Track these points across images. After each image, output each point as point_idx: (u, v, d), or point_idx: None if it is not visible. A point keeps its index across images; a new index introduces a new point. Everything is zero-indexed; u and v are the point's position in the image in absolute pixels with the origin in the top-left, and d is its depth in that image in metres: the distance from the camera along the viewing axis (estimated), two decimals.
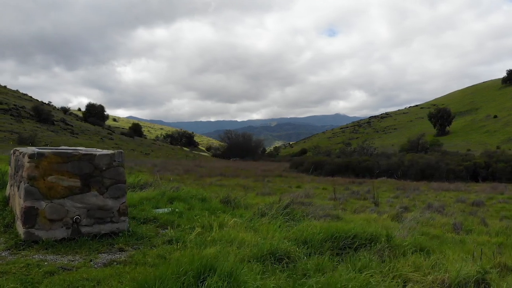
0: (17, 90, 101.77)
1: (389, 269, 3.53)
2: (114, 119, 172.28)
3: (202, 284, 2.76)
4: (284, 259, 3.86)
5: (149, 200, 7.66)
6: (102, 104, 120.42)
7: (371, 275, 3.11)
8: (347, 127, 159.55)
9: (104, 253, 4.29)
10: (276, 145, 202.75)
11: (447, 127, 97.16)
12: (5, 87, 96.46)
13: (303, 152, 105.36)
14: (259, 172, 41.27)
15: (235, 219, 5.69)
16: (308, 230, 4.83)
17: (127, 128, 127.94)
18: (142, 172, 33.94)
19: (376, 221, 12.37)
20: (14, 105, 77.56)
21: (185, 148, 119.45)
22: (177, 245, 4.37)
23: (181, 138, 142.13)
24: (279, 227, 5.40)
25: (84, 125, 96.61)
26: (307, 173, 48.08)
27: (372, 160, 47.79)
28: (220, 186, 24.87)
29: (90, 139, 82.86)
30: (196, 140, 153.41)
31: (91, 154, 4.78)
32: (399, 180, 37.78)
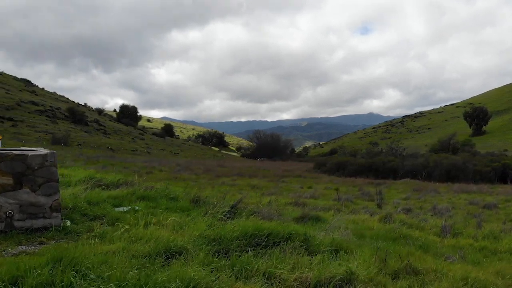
0: (54, 92, 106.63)
1: (261, 265, 3.66)
2: (148, 120, 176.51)
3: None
4: (175, 255, 4.06)
5: (116, 199, 7.98)
6: (137, 105, 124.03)
7: (201, 269, 3.25)
8: (380, 126, 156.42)
9: (23, 245, 4.64)
10: (306, 145, 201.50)
11: (484, 127, 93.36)
12: (42, 89, 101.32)
13: (332, 152, 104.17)
14: (280, 172, 41.34)
15: (173, 218, 5.93)
16: (226, 228, 5.00)
17: (160, 128, 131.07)
18: (163, 172, 34.86)
19: (364, 221, 12.30)
20: (50, 106, 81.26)
21: (214, 148, 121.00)
22: (90, 240, 4.65)
23: (212, 138, 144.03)
24: (210, 225, 5.59)
25: (117, 125, 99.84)
26: (329, 174, 47.73)
27: (397, 161, 46.76)
28: (231, 186, 25.22)
29: (122, 139, 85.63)
30: (227, 140, 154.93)
31: (24, 154, 5.16)
32: (422, 181, 36.87)
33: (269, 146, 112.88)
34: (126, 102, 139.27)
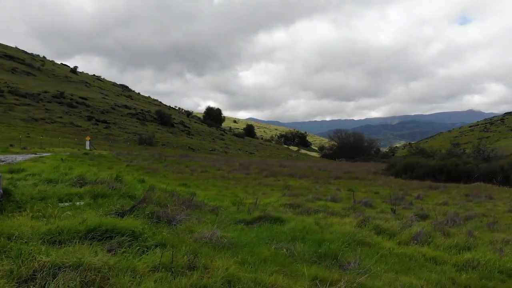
0: (148, 96, 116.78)
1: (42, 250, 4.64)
2: (235, 121, 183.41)
3: None
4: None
5: (70, 195, 9.37)
6: (226, 107, 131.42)
7: None
8: (477, 125, 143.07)
9: None
10: (397, 145, 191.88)
11: None
12: (138, 93, 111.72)
13: (417, 153, 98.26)
14: (338, 173, 40.59)
15: (68, 212, 7.08)
16: (72, 223, 6.02)
17: (242, 129, 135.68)
18: (219, 171, 36.70)
19: (343, 225, 12.26)
20: (141, 109, 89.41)
21: (292, 148, 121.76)
22: None
23: (294, 138, 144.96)
24: (83, 220, 6.57)
25: (201, 127, 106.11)
26: (396, 176, 45.56)
27: (472, 163, 43.03)
28: (265, 186, 25.81)
29: (203, 139, 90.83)
30: (309, 140, 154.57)
31: None
32: (498, 186, 33.64)
33: (351, 146, 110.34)
34: (215, 105, 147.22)
